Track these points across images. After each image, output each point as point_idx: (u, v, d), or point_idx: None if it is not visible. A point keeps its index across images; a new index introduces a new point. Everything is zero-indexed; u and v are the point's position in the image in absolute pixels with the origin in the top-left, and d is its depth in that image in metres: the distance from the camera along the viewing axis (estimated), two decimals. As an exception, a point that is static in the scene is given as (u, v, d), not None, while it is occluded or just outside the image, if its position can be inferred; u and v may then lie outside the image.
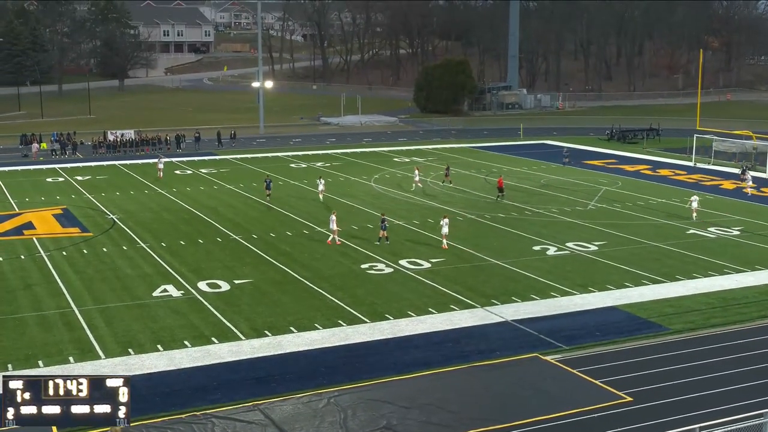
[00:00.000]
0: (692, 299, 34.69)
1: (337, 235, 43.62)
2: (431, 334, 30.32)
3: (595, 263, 40.23)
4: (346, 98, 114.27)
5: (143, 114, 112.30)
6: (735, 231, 47.16)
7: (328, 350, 28.73)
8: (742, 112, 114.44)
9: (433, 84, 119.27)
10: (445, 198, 56.37)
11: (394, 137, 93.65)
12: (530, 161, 74.08)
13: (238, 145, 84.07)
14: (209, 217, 50.21)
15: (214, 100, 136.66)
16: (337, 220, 43.90)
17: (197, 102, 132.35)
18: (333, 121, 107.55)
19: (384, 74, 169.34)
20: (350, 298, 34.37)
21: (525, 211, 52.41)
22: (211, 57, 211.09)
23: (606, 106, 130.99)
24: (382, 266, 39.26)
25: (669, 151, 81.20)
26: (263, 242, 43.86)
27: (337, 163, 71.53)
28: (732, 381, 26.31)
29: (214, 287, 35.79)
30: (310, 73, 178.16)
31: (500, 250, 42.49)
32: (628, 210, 52.90)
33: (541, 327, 31.12)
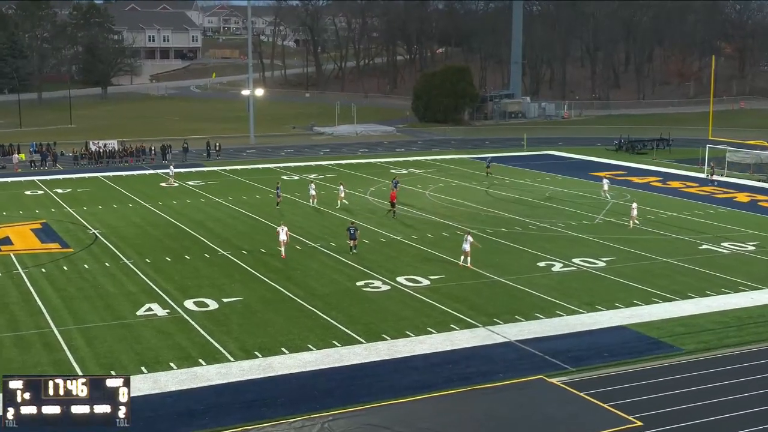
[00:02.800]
0: (705, 318, 34.69)
1: (283, 247, 43.88)
2: (430, 355, 30.26)
3: (602, 280, 40.22)
4: (340, 107, 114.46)
5: (127, 123, 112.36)
6: (750, 246, 47.21)
7: (322, 372, 28.66)
8: (757, 121, 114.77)
9: (432, 92, 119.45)
10: (445, 212, 56.41)
11: (391, 148, 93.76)
12: (534, 173, 74.17)
13: (227, 156, 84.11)
14: (196, 231, 50.17)
15: (202, 108, 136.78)
16: (288, 231, 44.55)
17: (184, 111, 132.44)
18: (327, 131, 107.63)
19: (380, 82, 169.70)
20: (345, 318, 34.32)
21: (529, 225, 52.44)
22: (198, 63, 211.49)
23: (614, 115, 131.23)
24: (378, 284, 39.23)
25: (680, 162, 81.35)
26: (253, 258, 43.81)
27: (331, 175, 71.59)
28: (748, 404, 26.27)
29: (201, 306, 35.72)
30: (302, 80, 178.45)
31: (503, 266, 42.49)
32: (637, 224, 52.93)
33: (546, 347, 31.08)
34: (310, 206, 56.74)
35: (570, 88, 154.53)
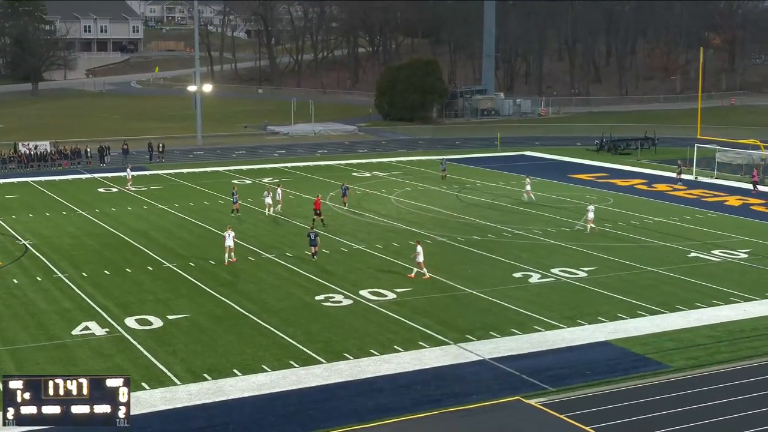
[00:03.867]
0: (695, 332, 34.99)
1: (229, 254, 44.68)
2: (397, 376, 30.26)
3: (584, 292, 40.47)
4: (296, 104, 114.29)
5: (61, 123, 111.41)
6: (742, 254, 47.74)
7: (278, 396, 28.55)
8: (748, 119, 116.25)
9: (397, 87, 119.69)
10: (413, 218, 56.51)
11: (353, 148, 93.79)
12: (509, 175, 74.54)
13: (172, 158, 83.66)
14: (138, 242, 49.84)
15: (144, 106, 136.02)
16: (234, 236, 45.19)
17: (124, 108, 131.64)
18: (282, 131, 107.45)
19: (341, 76, 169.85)
20: (303, 335, 34.22)
21: (503, 232, 52.67)
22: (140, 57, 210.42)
23: (595, 113, 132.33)
24: (339, 297, 39.18)
25: (666, 163, 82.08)
26: (201, 271, 43.60)
27: (287, 179, 71.44)
28: (741, 425, 26.51)
29: (144, 324, 35.47)
30: (255, 75, 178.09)
31: (476, 277, 42.61)
32: (620, 230, 53.36)
33: (523, 366, 31.19)
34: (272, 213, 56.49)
35: (547, 83, 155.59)
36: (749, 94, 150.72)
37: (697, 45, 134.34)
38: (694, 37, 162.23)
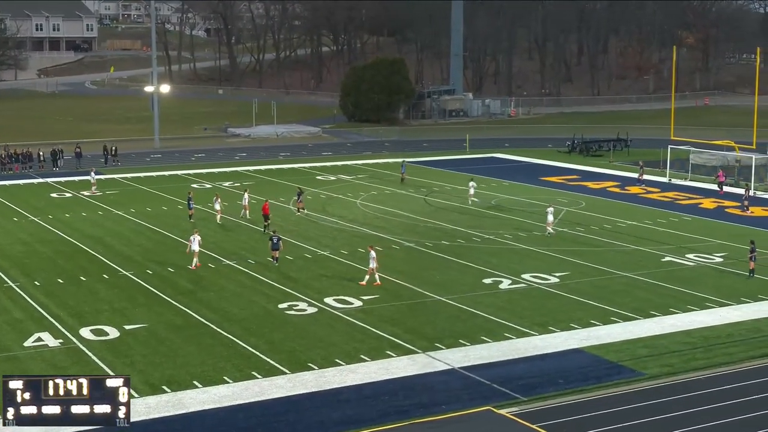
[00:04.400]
0: (670, 339, 35.26)
1: (197, 258, 45.01)
2: (364, 386, 30.25)
3: (556, 298, 40.66)
4: (258, 105, 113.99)
5: (11, 125, 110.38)
6: (717, 258, 48.17)
7: (241, 408, 28.45)
8: (722, 119, 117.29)
9: (362, 87, 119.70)
10: (379, 223, 56.55)
11: (317, 151, 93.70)
12: (478, 178, 74.66)
13: (128, 162, 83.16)
14: (94, 249, 49.51)
15: (99, 107, 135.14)
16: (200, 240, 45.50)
17: (78, 110, 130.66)
18: (243, 133, 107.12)
19: (304, 76, 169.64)
20: (266, 345, 34.14)
21: (473, 237, 52.81)
22: (94, 56, 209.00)
23: (566, 113, 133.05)
24: (303, 305, 39.12)
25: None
26: (160, 278, 43.38)
27: (249, 182, 71.22)
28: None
29: (99, 334, 35.23)
30: (215, 74, 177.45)
31: (445, 283, 42.69)
32: (593, 234, 53.69)
33: (494, 375, 31.28)
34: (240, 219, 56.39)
35: (517, 83, 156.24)
36: (723, 94, 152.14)
37: (671, 44, 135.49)
38: (668, 36, 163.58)
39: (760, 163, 70.76)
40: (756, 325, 36.93)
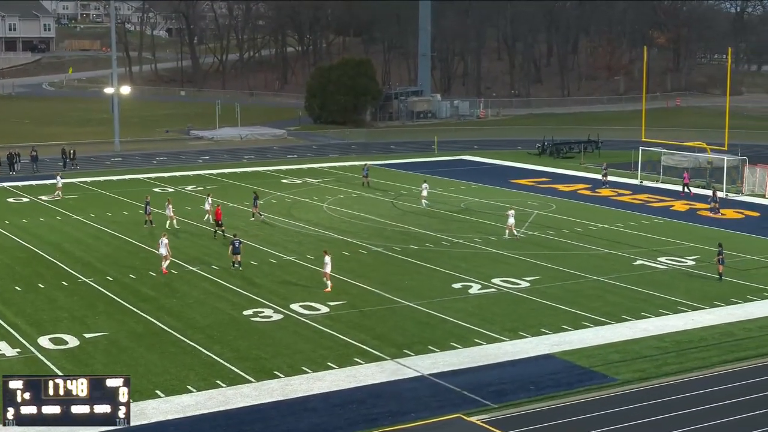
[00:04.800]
0: (642, 343, 35.46)
1: (166, 262, 45.28)
2: (331, 394, 30.21)
3: (526, 303, 40.79)
4: (221, 106, 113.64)
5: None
6: (689, 261, 48.52)
7: (205, 418, 28.33)
8: (694, 120, 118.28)
9: (328, 89, 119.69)
10: (346, 227, 56.52)
11: (282, 154, 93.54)
12: (447, 181, 74.93)
13: (88, 165, 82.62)
14: (52, 255, 49.16)
15: (58, 109, 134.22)
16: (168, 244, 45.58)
17: (35, 112, 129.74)
18: (206, 135, 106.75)
19: (268, 77, 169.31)
20: (231, 353, 34.02)
21: (442, 241, 52.89)
22: (52, 57, 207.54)
23: (536, 114, 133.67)
24: (269, 312, 39.03)
25: (611, 167, 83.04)
26: (120, 285, 43.13)
27: (212, 186, 70.98)
28: (690, 440, 26.93)
29: (59, 343, 34.97)
30: (176, 76, 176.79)
31: (413, 289, 42.72)
32: (564, 238, 53.93)
33: (464, 382, 31.33)
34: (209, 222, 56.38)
35: (486, 83, 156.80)
36: (695, 95, 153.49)
37: (641, 44, 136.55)
38: (638, 36, 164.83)
39: (731, 165, 71.39)
40: (728, 329, 37.23)
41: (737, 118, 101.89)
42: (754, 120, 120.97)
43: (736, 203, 66.13)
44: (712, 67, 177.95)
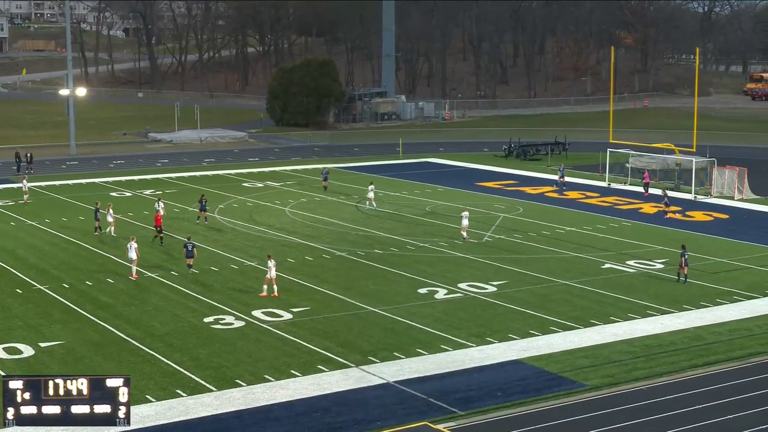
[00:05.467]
0: (610, 348, 35.66)
1: (135, 266, 45.50)
2: (295, 403, 30.15)
3: (493, 307, 40.90)
4: (181, 108, 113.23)
5: None
6: (658, 264, 48.85)
7: (165, 429, 28.18)
8: (662, 121, 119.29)
9: (290, 90, 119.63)
10: (309, 231, 56.45)
11: (243, 157, 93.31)
12: (412, 184, 75.02)
13: (42, 169, 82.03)
14: (5, 262, 48.75)
15: (10, 111, 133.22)
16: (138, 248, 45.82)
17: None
18: (165, 138, 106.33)
19: (229, 78, 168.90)
20: (191, 361, 33.88)
21: (407, 245, 52.95)
22: (5, 57, 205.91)
23: (502, 116, 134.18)
24: (230, 319, 38.90)
25: (578, 169, 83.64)
26: (77, 292, 42.83)
27: (171, 190, 70.68)
28: (660, 445, 27.11)
29: (13, 352, 34.69)
30: (134, 77, 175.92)
31: (378, 294, 42.74)
32: (531, 241, 54.13)
33: (430, 389, 31.36)
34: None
35: (451, 85, 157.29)
36: (662, 96, 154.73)
37: (609, 44, 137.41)
38: (605, 36, 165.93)
39: (700, 167, 71.97)
40: (698, 333, 37.52)
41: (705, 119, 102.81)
42: (723, 121, 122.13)
43: (705, 205, 66.68)
44: (679, 67, 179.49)
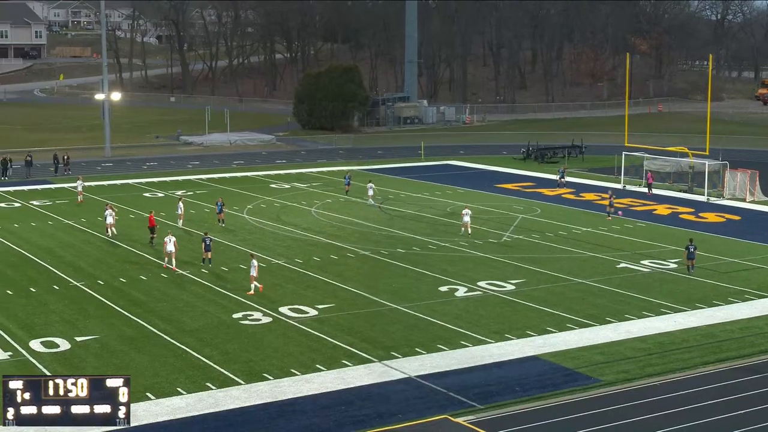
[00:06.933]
0: (625, 345, 35.54)
1: (169, 260, 46.48)
2: (320, 396, 30.18)
3: (512, 305, 40.83)
4: (211, 112, 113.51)
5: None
6: (672, 264, 48.64)
7: (195, 420, 28.26)
8: (676, 126, 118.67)
9: (316, 95, 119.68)
10: (334, 231, 56.48)
11: (271, 159, 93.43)
12: (433, 185, 74.95)
13: (78, 171, 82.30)
14: (43, 259, 48.99)
15: (49, 116, 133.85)
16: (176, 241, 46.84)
17: (27, 118, 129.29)
18: (196, 141, 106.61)
19: (257, 84, 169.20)
20: (221, 356, 33.96)
21: (428, 244, 52.90)
22: (43, 63, 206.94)
23: (521, 120, 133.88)
24: (258, 315, 38.97)
25: (594, 171, 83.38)
26: (111, 289, 43.00)
27: (202, 191, 70.88)
28: (673, 440, 26.99)
29: (50, 346, 34.85)
30: (166, 82, 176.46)
31: (400, 292, 42.72)
32: (548, 241, 54.00)
33: (450, 383, 31.34)
34: (179, 227, 56.10)
35: (472, 89, 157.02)
36: (676, 101, 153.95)
37: (624, 51, 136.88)
38: (621, 43, 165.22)
39: (713, 170, 71.63)
40: (710, 331, 37.35)
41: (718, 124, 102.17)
42: (735, 125, 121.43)
43: (717, 207, 66.34)
44: (693, 73, 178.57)
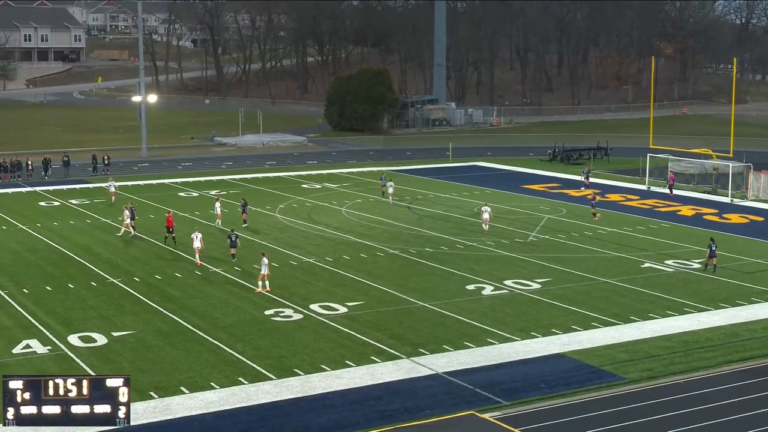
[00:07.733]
0: (649, 343, 35.35)
1: (198, 254, 47.21)
2: (349, 391, 30.21)
3: (537, 304, 40.71)
4: (244, 114, 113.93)
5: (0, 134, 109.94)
6: (696, 264, 48.31)
7: (228, 414, 28.36)
8: (700, 128, 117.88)
9: (347, 97, 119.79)
10: (364, 230, 56.51)
11: (302, 160, 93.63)
12: (461, 186, 74.84)
13: (116, 171, 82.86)
14: (81, 257, 49.32)
15: (87, 117, 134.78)
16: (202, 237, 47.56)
17: (66, 120, 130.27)
18: (230, 142, 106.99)
19: (289, 86, 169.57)
20: (253, 351, 34.06)
21: (456, 244, 52.83)
22: (82, 66, 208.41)
23: (547, 122, 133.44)
24: (289, 312, 39.05)
25: (619, 172, 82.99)
26: (147, 286, 43.23)
27: (235, 191, 71.12)
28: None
29: (87, 341, 35.08)
30: (201, 84, 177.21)
31: (428, 290, 42.69)
32: (574, 241, 53.79)
33: (477, 380, 31.29)
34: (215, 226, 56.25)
35: (499, 92, 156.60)
36: (701, 103, 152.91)
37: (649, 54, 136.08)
38: (646, 46, 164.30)
39: (736, 171, 71.11)
40: (733, 330, 37.08)
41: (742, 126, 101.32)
42: (759, 128, 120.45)
43: (741, 208, 65.85)
44: (717, 76, 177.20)
